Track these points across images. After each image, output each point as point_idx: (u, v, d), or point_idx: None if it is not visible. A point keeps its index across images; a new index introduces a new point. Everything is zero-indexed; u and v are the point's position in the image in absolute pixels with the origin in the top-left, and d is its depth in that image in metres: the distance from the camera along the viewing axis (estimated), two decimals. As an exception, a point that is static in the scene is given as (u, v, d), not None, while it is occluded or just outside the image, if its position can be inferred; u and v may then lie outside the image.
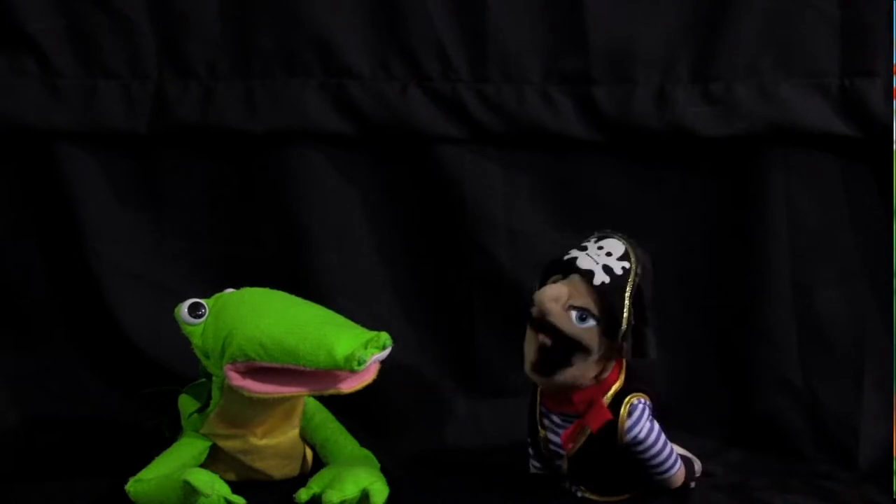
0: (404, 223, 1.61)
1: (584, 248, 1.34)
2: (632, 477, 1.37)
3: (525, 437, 1.43)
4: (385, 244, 1.61)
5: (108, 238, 1.60)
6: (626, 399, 1.34)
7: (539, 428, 1.39)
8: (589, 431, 1.34)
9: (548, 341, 1.31)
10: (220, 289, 1.41)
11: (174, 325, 1.38)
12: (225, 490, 1.32)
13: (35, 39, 1.56)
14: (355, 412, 1.50)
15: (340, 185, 1.60)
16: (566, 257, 1.33)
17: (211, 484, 1.31)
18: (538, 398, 1.39)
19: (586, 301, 1.30)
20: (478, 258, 1.59)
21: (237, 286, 1.41)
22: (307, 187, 1.59)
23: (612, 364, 1.35)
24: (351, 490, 1.34)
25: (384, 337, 1.30)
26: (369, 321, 1.36)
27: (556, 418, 1.37)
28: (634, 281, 1.31)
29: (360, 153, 1.60)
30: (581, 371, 1.32)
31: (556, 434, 1.37)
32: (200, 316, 1.36)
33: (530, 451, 1.43)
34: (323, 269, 1.59)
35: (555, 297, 1.30)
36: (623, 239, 1.34)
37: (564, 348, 1.31)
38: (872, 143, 1.52)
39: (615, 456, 1.35)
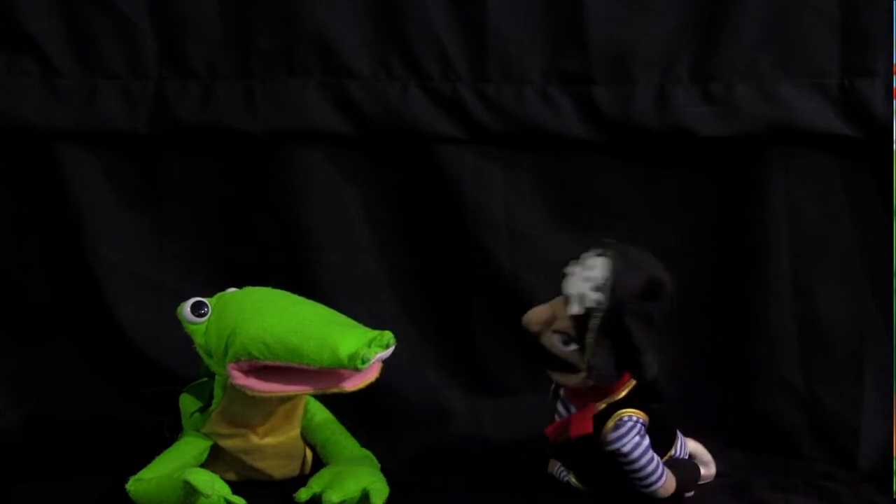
0: (404, 223, 1.61)
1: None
2: (616, 477, 1.37)
3: (525, 437, 1.43)
4: (385, 244, 1.61)
5: (108, 238, 1.60)
6: (617, 413, 1.34)
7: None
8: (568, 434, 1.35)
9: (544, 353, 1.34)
10: (221, 288, 1.40)
11: (174, 325, 1.38)
12: (225, 490, 1.31)
13: (35, 39, 1.56)
14: (355, 412, 1.49)
15: (340, 185, 1.60)
16: (567, 268, 1.33)
17: (211, 484, 1.31)
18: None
19: (568, 326, 1.31)
20: (478, 258, 1.59)
21: (237, 286, 1.40)
22: (307, 187, 1.59)
23: None
24: (351, 490, 1.34)
25: (388, 336, 1.30)
26: (369, 321, 1.35)
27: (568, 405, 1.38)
28: (605, 316, 1.29)
29: (360, 153, 1.60)
30: (575, 380, 1.33)
31: (560, 415, 1.38)
32: (203, 315, 1.35)
33: None
34: (323, 269, 1.59)
35: (541, 320, 1.33)
36: (613, 261, 1.30)
37: (555, 362, 1.33)
38: (872, 143, 1.52)
39: (598, 457, 1.35)
